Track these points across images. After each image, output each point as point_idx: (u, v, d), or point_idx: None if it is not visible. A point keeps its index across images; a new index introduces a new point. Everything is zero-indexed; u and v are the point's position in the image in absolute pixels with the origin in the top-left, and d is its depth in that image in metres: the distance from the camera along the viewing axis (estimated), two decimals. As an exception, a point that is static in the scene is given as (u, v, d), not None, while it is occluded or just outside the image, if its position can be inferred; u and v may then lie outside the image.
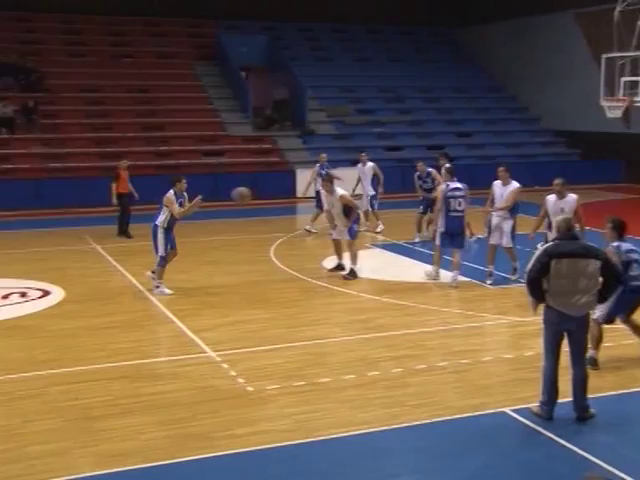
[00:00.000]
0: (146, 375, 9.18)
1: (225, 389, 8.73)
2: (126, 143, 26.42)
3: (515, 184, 13.44)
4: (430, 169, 17.12)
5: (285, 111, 30.20)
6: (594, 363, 9.11)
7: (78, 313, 11.98)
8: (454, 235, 13.55)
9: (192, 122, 28.05)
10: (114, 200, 18.38)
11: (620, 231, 9.19)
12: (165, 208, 13.04)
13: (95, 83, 28.67)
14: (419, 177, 17.58)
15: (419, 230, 17.35)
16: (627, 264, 8.91)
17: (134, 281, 13.96)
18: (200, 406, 8.22)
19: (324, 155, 19.58)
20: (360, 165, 19.06)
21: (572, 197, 12.09)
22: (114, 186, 18.40)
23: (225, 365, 9.51)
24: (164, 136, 27.41)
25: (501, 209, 13.29)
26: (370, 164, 18.84)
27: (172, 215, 12.98)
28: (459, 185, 13.62)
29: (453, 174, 13.93)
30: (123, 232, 18.40)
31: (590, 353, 8.83)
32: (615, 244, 9.07)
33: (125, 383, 8.90)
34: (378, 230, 18.52)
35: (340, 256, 14.38)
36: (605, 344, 9.82)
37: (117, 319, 11.59)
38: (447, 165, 14.74)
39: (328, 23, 34.64)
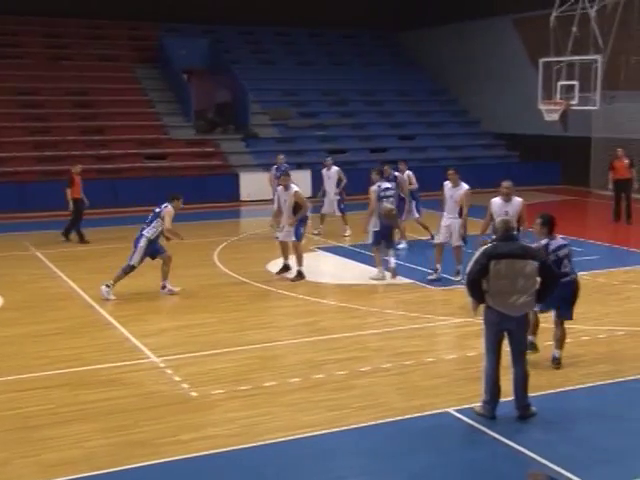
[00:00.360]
0: (88, 382, 9.06)
1: (169, 395, 8.67)
2: (65, 147, 26.03)
3: (464, 186, 13.72)
4: (396, 173, 17.26)
5: (228, 114, 30.10)
6: (534, 347, 9.47)
7: (17, 320, 11.77)
8: (386, 234, 13.99)
9: (133, 125, 27.75)
10: (70, 206, 18.06)
11: (549, 227, 9.23)
12: (159, 221, 13.02)
13: (32, 86, 28.15)
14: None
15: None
16: (557, 262, 8.98)
17: (76, 287, 13.77)
18: (144, 412, 8.16)
19: (281, 156, 19.82)
20: (325, 170, 19.26)
21: (517, 200, 12.18)
22: (69, 191, 18.08)
23: (169, 370, 9.44)
24: (104, 140, 27.08)
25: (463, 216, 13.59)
26: (335, 168, 19.17)
27: (162, 229, 13.08)
28: (389, 185, 14.55)
29: (383, 175, 14.90)
30: (81, 238, 18.13)
31: (529, 338, 8.97)
32: (543, 242, 9.12)
33: (67, 391, 8.78)
34: (346, 234, 18.53)
35: (286, 257, 14.43)
36: (545, 343, 10.03)
37: (58, 326, 11.42)
38: (380, 168, 15.44)
39: (270, 26, 34.61)
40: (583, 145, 27.59)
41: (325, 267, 15.42)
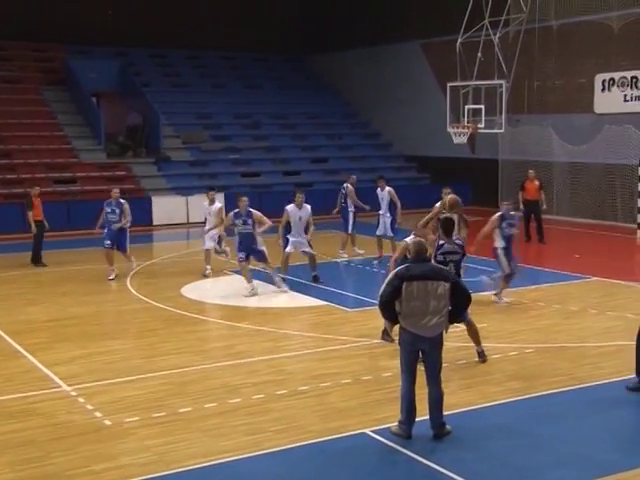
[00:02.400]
0: (-4, 414, 8.76)
1: (81, 424, 8.45)
2: (-30, 171, 25.30)
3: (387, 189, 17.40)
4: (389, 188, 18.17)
5: (139, 137, 29.77)
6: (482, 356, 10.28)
7: None
8: (250, 250, 14.74)
9: (42, 149, 27.14)
10: (33, 228, 17.74)
11: (444, 229, 10.21)
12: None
13: None
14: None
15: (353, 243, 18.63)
16: (442, 264, 9.55)
17: (-19, 315, 13.33)
18: (55, 443, 7.92)
19: (115, 190, 17.55)
20: (379, 190, 18.35)
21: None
22: (30, 214, 17.81)
23: (81, 399, 9.22)
24: (12, 163, 26.40)
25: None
26: (388, 188, 18.31)
27: None
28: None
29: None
30: (38, 261, 17.84)
31: (477, 348, 10.34)
32: (440, 242, 10.18)
33: (-27, 423, 8.46)
34: (360, 252, 18.63)
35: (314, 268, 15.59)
36: (459, 361, 10.20)
37: (-37, 356, 11.02)
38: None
39: (182, 49, 34.49)
40: (491, 167, 28.32)
41: (240, 291, 15.31)
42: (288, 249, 15.45)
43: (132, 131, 30.35)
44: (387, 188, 18.17)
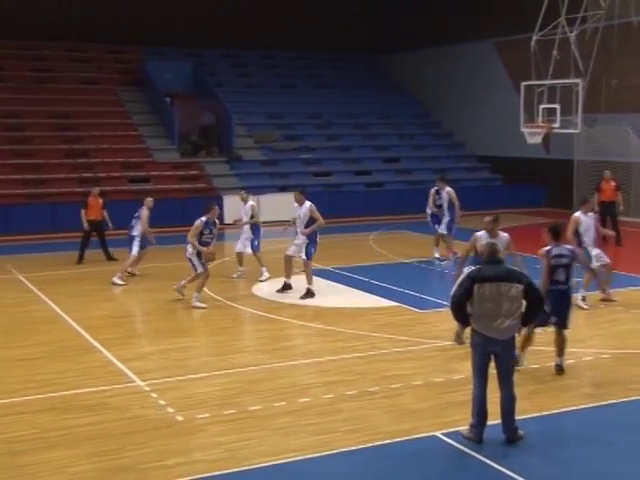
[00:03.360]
0: (73, 407, 8.99)
1: (155, 419, 8.61)
2: (49, 170, 25.99)
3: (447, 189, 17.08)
4: (448, 188, 18.07)
5: (212, 137, 30.17)
6: (519, 362, 9.75)
7: (0, 345, 11.65)
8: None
9: (117, 148, 27.75)
10: (85, 226, 18.29)
11: (553, 234, 10.05)
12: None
13: (15, 109, 28.11)
14: (437, 192, 18.34)
15: (437, 245, 18.16)
16: (554, 268, 9.58)
17: (59, 310, 13.69)
18: (129, 437, 8.10)
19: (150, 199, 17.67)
20: (447, 190, 18.28)
21: (504, 236, 11.85)
22: (83, 212, 18.36)
23: (154, 394, 9.39)
24: (88, 163, 27.05)
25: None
26: (447, 188, 18.19)
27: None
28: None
29: None
30: (109, 256, 18.46)
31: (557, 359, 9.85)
32: (547, 248, 9.87)
33: (51, 415, 8.70)
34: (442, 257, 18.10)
35: (289, 276, 14.74)
36: (532, 365, 10.06)
37: (42, 350, 11.33)
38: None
39: (254, 50, 34.83)
40: (566, 167, 27.82)
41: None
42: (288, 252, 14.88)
43: (205, 131, 30.79)
44: (447, 188, 18.02)
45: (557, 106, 23.14)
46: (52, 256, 19.14)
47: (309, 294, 14.42)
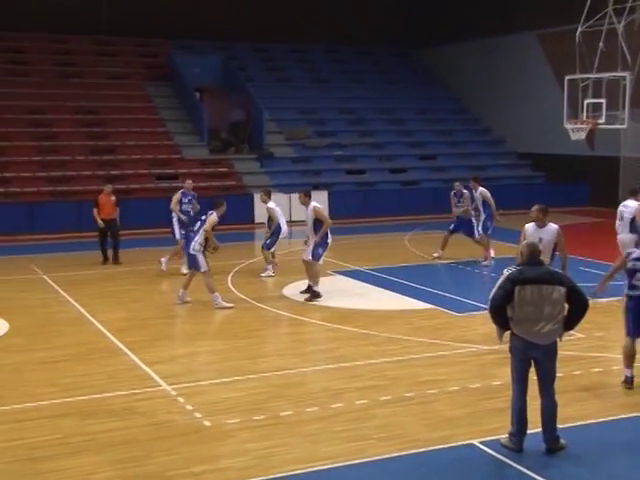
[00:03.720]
0: (97, 411, 9.05)
1: (181, 424, 8.64)
2: (75, 167, 26.25)
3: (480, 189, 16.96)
4: (465, 190, 18.17)
5: (242, 133, 30.26)
6: (631, 383, 9.59)
7: (24, 346, 11.78)
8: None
9: (144, 145, 27.96)
10: (100, 223, 18.22)
11: None
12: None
13: (41, 104, 28.43)
14: (455, 194, 18.47)
15: (442, 248, 18.15)
16: (632, 271, 9.44)
17: (84, 312, 13.80)
18: (155, 443, 8.13)
19: (189, 181, 18.56)
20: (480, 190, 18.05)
21: (552, 227, 11.82)
22: (95, 211, 18.30)
23: (181, 399, 9.42)
24: (115, 159, 27.27)
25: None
26: (480, 189, 17.94)
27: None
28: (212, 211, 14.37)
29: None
30: (116, 259, 18.38)
31: (625, 372, 9.62)
32: (629, 250, 9.72)
33: (74, 420, 8.76)
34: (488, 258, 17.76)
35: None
36: (574, 372, 9.94)
37: (66, 352, 11.42)
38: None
39: (285, 43, 34.88)
40: (612, 165, 27.50)
41: (342, 291, 15.37)
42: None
43: (235, 127, 30.90)
44: (480, 189, 17.75)
45: (603, 101, 22.86)
46: (77, 256, 19.31)
47: (314, 295, 14.53)
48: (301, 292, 15.00)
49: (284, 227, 17.09)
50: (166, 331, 12.70)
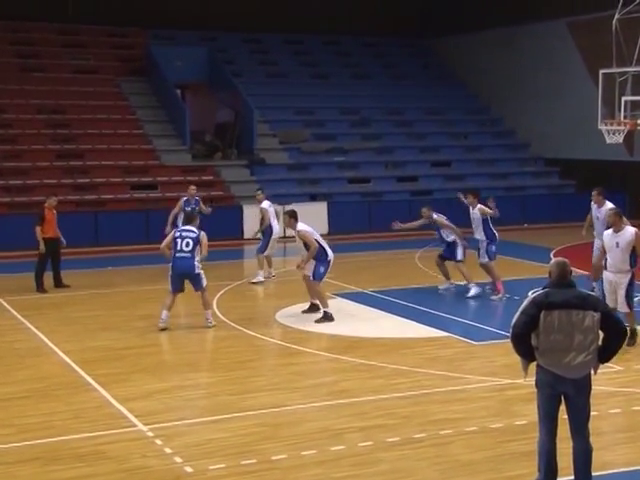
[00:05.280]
0: (62, 456, 9.02)
1: (158, 470, 8.63)
2: (38, 174, 26.29)
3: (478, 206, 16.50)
4: (435, 215, 17.41)
5: (229, 136, 30.35)
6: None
7: (-22, 380, 11.79)
8: (184, 276, 14.43)
9: (118, 149, 28.04)
10: (42, 247, 17.45)
11: None
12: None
13: (-2, 102, 28.54)
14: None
15: (446, 276, 17.75)
16: None
17: (46, 340, 13.80)
18: (128, 492, 8.12)
19: (193, 187, 20.20)
20: (470, 208, 17.48)
21: (629, 230, 12.21)
22: (39, 229, 17.52)
23: (159, 441, 9.41)
24: (84, 166, 27.34)
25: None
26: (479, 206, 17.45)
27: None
28: (191, 227, 14.73)
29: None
30: (59, 282, 18.04)
31: None
32: None
33: (37, 466, 8.74)
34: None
35: (313, 296, 15.23)
36: (611, 410, 9.93)
37: (27, 387, 11.41)
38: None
39: (278, 33, 35.00)
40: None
41: (345, 317, 15.39)
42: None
43: (221, 129, 31.00)
44: (478, 205, 17.23)
45: (643, 98, 22.99)
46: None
47: (326, 317, 14.77)
48: (303, 312, 15.24)
49: (276, 227, 18.52)
50: (143, 363, 12.69)
